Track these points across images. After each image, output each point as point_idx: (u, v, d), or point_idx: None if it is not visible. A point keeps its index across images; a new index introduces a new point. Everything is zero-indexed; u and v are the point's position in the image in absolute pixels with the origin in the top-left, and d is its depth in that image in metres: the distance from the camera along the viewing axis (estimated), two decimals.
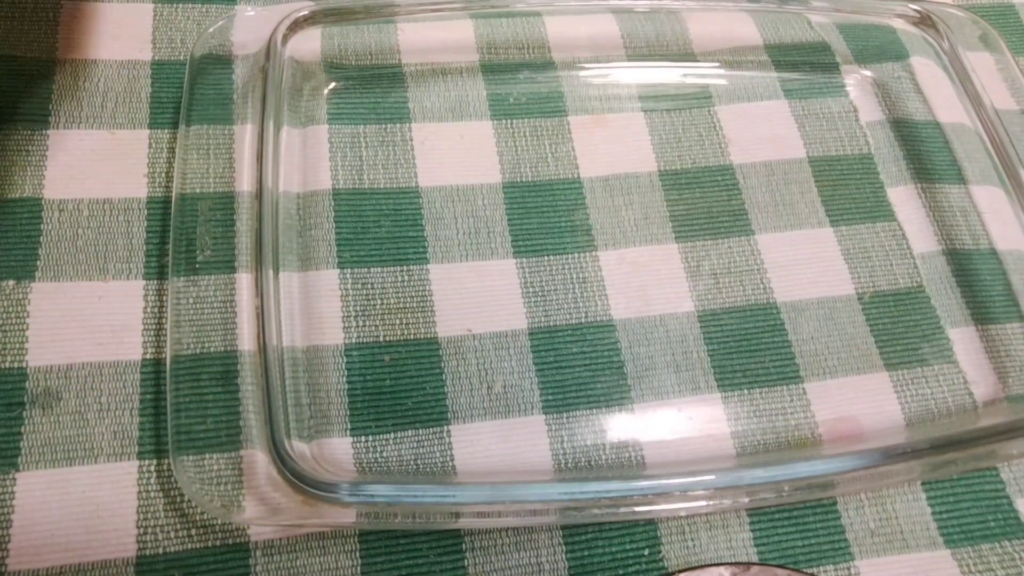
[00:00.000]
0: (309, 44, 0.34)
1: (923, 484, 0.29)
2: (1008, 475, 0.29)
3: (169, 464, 0.26)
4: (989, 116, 0.33)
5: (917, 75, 0.37)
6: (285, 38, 0.32)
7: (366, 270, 0.31)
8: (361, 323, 0.30)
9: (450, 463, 0.28)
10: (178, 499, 0.26)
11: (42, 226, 0.30)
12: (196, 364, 0.27)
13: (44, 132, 0.32)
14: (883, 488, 0.28)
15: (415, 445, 0.28)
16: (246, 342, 0.28)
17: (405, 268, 0.31)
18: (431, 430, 0.28)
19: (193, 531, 0.26)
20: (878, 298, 0.32)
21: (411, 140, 0.34)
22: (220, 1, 0.36)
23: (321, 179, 0.32)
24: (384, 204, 0.32)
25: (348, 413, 0.28)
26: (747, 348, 0.31)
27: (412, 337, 0.30)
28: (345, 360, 0.29)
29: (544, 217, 0.32)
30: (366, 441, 0.28)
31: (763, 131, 0.35)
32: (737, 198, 0.34)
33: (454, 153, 0.34)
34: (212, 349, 0.28)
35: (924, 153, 0.35)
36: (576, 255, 0.32)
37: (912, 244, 0.33)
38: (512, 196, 0.33)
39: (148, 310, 0.29)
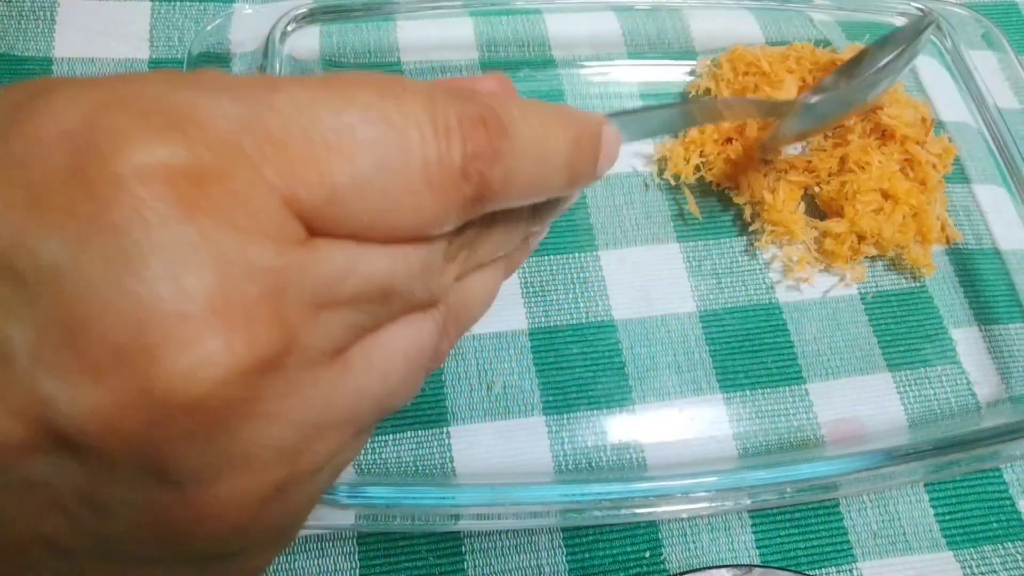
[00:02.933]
0: (308, 42, 0.34)
1: (926, 485, 0.29)
2: (1011, 476, 0.29)
3: None
4: (992, 115, 0.33)
5: (920, 73, 0.36)
6: (283, 36, 0.32)
7: None
8: None
9: (449, 464, 0.28)
10: None
11: None
12: None
13: None
14: (886, 490, 0.28)
15: (414, 446, 0.28)
16: None
17: None
18: (430, 431, 0.28)
19: None
20: (881, 298, 0.32)
21: None
22: None
23: None
24: None
25: None
26: (749, 348, 0.30)
27: None
28: None
29: None
30: None
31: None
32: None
33: None
34: None
35: None
36: (577, 255, 0.32)
37: None
38: None
39: None
